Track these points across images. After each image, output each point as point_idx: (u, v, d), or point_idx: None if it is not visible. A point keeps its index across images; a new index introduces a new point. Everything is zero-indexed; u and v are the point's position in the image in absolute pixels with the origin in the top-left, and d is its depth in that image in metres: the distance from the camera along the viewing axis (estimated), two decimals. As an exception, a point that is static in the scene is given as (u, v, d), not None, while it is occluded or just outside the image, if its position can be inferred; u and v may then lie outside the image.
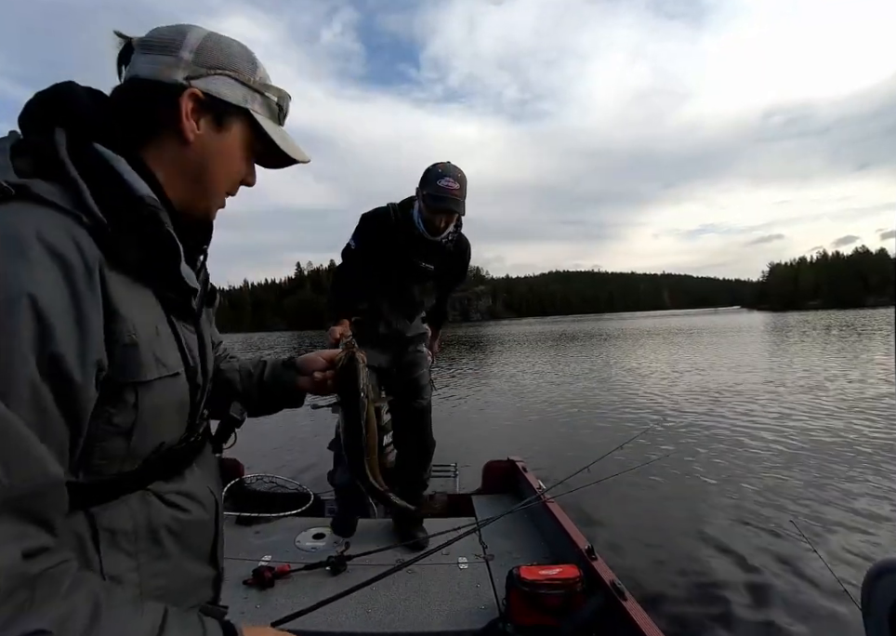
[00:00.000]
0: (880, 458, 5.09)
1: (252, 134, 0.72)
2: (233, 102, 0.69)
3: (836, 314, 54.98)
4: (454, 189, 2.03)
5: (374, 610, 1.91)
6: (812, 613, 2.59)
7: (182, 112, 0.64)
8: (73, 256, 0.51)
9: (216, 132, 0.68)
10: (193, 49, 0.66)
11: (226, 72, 0.68)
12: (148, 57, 0.65)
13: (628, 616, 1.58)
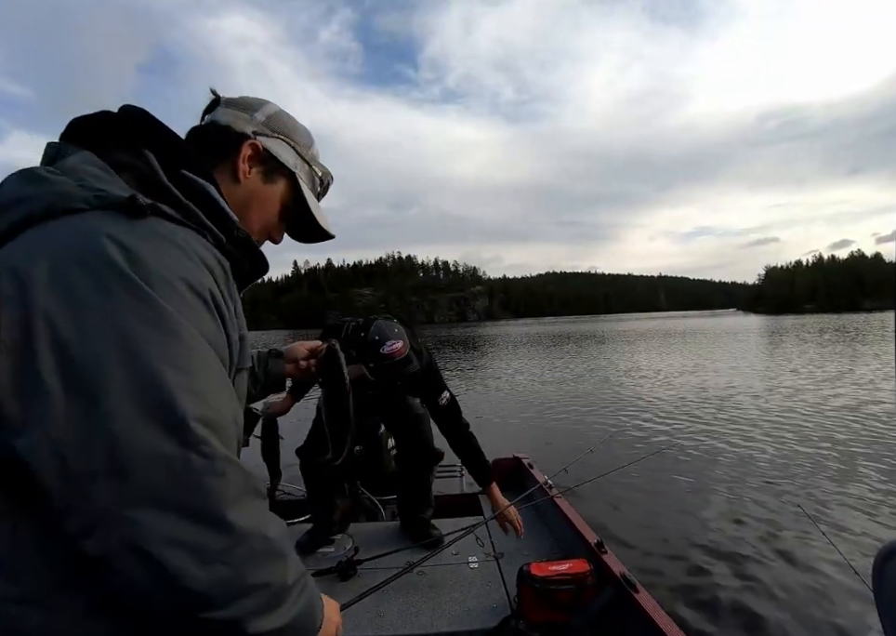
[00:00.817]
0: (884, 448, 5.19)
1: (291, 196, 0.82)
2: (284, 163, 0.80)
3: (832, 318, 55.05)
4: (399, 349, 1.96)
5: (386, 613, 1.91)
6: (824, 595, 2.62)
7: (241, 155, 0.75)
8: (214, 262, 0.59)
9: (262, 182, 0.78)
10: (266, 115, 0.80)
11: (286, 139, 0.81)
12: (228, 110, 0.78)
13: (640, 607, 1.60)
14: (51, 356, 0.45)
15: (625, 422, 6.92)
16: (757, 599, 2.65)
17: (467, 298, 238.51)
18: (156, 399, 0.46)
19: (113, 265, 0.49)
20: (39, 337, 0.46)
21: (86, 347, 0.46)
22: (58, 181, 0.54)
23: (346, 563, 2.18)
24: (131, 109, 0.66)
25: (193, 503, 0.46)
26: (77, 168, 0.56)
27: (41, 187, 0.54)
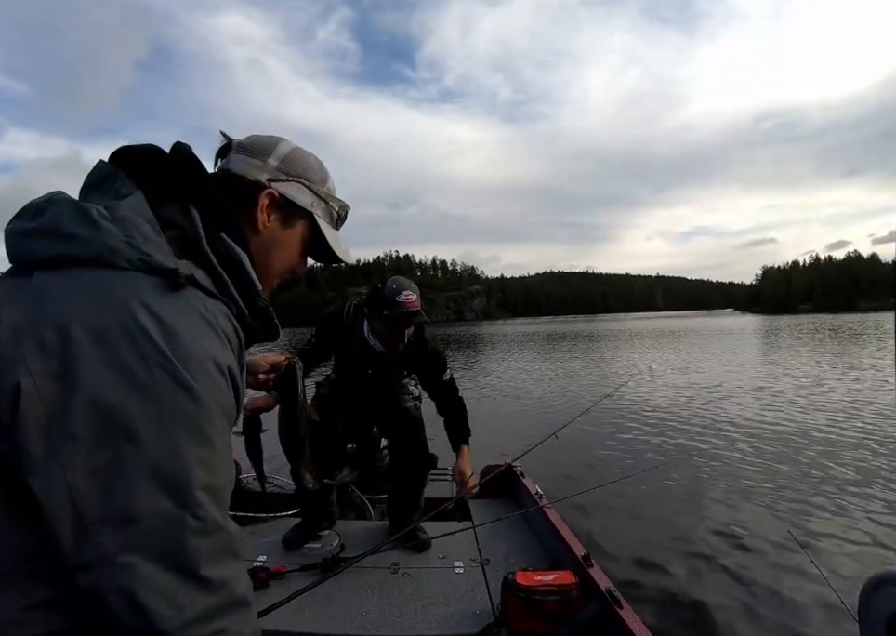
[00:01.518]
0: (879, 466, 5.11)
1: (310, 233, 0.85)
2: (301, 205, 0.81)
3: (828, 318, 55.34)
4: (414, 301, 2.10)
5: (368, 613, 1.90)
6: (809, 623, 2.59)
7: (259, 207, 0.77)
8: (234, 337, 0.64)
9: (282, 228, 0.81)
10: (279, 158, 0.80)
11: (301, 180, 0.82)
12: (241, 157, 0.79)
13: (624, 623, 1.59)
14: (84, 411, 0.49)
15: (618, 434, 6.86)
16: (741, 622, 2.63)
17: (465, 297, 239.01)
18: (172, 467, 0.52)
19: (154, 343, 0.53)
20: (76, 391, 0.49)
21: (118, 410, 0.50)
22: (108, 232, 0.56)
23: (331, 560, 2.17)
24: (182, 151, 0.71)
25: (179, 557, 0.52)
26: (128, 220, 0.59)
27: (91, 231, 0.56)
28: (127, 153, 0.68)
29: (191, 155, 0.72)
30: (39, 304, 0.53)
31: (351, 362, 2.38)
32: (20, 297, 0.54)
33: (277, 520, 2.71)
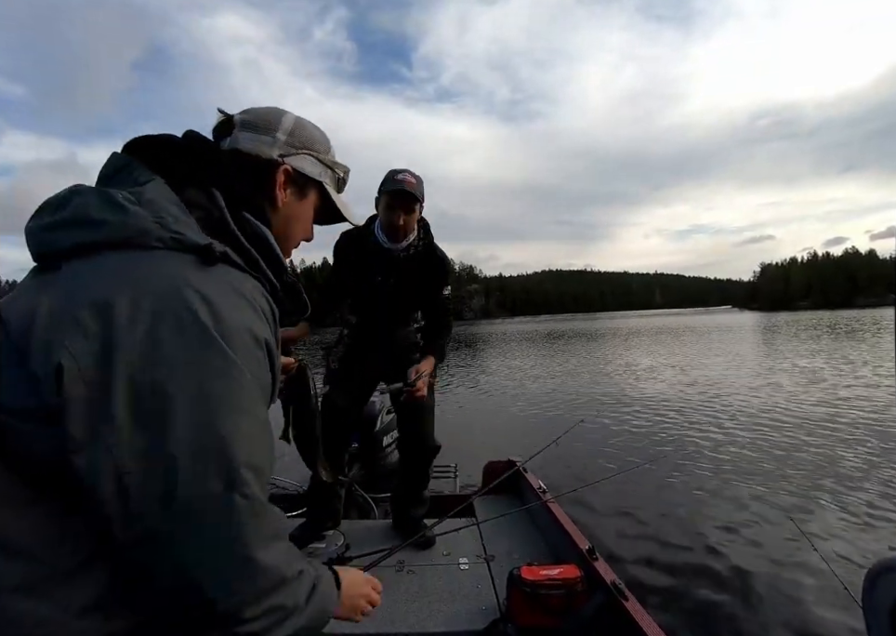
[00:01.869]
0: (880, 454, 5.15)
1: (320, 200, 0.88)
2: (313, 176, 0.84)
3: (826, 315, 55.39)
4: (410, 182, 2.12)
5: (374, 611, 1.91)
6: (813, 611, 2.61)
7: (277, 184, 0.79)
8: (269, 311, 0.65)
9: (298, 201, 0.83)
10: (287, 132, 0.81)
11: (310, 152, 0.83)
12: (249, 135, 0.79)
13: (629, 615, 1.59)
14: (126, 391, 0.50)
15: (619, 425, 6.91)
16: (745, 612, 2.64)
17: (464, 296, 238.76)
18: (215, 444, 0.53)
19: (196, 317, 0.54)
20: (117, 371, 0.50)
21: (160, 388, 0.51)
22: (137, 214, 0.58)
23: (336, 560, 2.17)
24: (196, 137, 0.73)
25: (229, 537, 0.54)
26: (155, 202, 0.60)
27: (120, 215, 0.57)
28: (142, 144, 0.69)
29: (206, 140, 0.75)
30: (73, 288, 0.54)
31: (363, 281, 2.34)
32: (53, 284, 0.56)
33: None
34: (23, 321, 0.53)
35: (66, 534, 0.54)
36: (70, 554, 0.54)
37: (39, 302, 0.54)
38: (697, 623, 2.56)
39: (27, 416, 0.52)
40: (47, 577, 0.52)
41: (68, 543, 0.54)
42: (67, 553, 0.53)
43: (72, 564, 0.53)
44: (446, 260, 2.37)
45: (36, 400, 0.51)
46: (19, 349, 0.52)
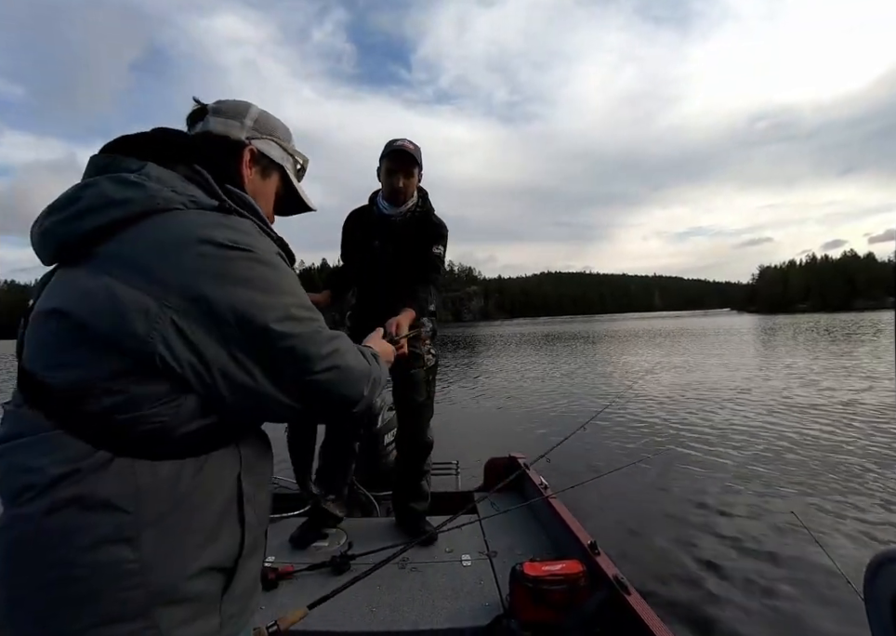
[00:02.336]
0: (880, 450, 5.19)
1: (282, 184, 0.98)
2: (275, 159, 0.94)
3: (825, 318, 55.40)
4: (408, 146, 2.22)
5: (378, 608, 1.91)
6: (815, 603, 2.63)
7: (244, 162, 0.89)
8: (277, 244, 0.79)
9: (261, 179, 0.93)
10: (253, 119, 0.92)
11: (273, 138, 0.94)
12: (220, 119, 0.90)
13: (632, 610, 1.60)
14: (212, 314, 0.65)
15: (621, 423, 6.93)
16: (748, 605, 2.66)
17: (463, 297, 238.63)
18: (287, 310, 0.71)
19: (231, 244, 0.68)
20: (195, 303, 0.64)
21: (232, 296, 0.66)
22: (153, 188, 0.68)
23: (339, 558, 2.18)
24: (168, 129, 0.82)
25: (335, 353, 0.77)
26: (163, 178, 0.70)
27: (138, 191, 0.67)
28: (120, 143, 0.77)
29: (179, 131, 0.84)
30: (129, 258, 0.65)
31: (364, 249, 2.41)
32: (106, 263, 0.65)
33: (283, 520, 2.71)
34: (95, 302, 0.63)
35: (140, 487, 0.63)
36: (147, 503, 0.63)
37: (102, 284, 0.63)
38: (700, 617, 2.57)
39: (117, 378, 0.63)
40: (132, 526, 0.61)
41: (145, 494, 0.63)
42: (145, 503, 0.63)
43: (150, 512, 0.63)
44: (442, 224, 2.42)
45: (130, 361, 0.62)
46: (101, 328, 0.62)
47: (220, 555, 0.69)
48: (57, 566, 0.60)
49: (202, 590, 0.67)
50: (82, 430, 0.62)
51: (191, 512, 0.66)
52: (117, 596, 0.61)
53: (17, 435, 0.64)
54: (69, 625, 0.60)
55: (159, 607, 0.63)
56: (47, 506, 0.60)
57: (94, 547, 0.60)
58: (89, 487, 0.61)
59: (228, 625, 0.71)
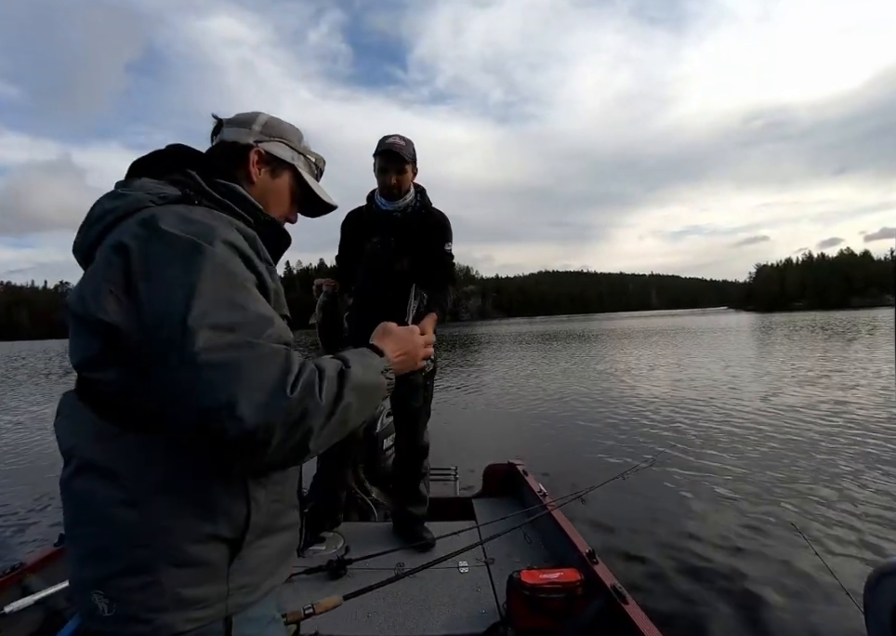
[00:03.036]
0: (880, 456, 5.16)
1: (296, 183, 1.03)
2: (284, 159, 1.00)
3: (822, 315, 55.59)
4: (398, 144, 2.26)
5: (374, 615, 1.90)
6: (814, 616, 2.61)
7: (251, 162, 0.96)
8: (243, 229, 0.80)
9: (271, 179, 1.00)
10: (261, 124, 1.00)
11: (281, 139, 1.01)
12: (231, 128, 0.99)
13: (630, 619, 1.59)
14: (141, 285, 0.69)
15: (620, 427, 6.92)
16: (746, 616, 2.64)
17: (460, 297, 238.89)
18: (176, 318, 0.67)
19: (176, 228, 0.72)
20: (135, 278, 0.69)
21: (158, 281, 0.69)
22: (132, 194, 0.79)
23: (336, 563, 2.17)
24: (177, 146, 0.92)
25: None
26: (143, 185, 0.81)
27: (121, 200, 0.79)
28: (137, 163, 0.90)
29: (181, 145, 0.93)
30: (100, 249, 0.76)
31: (365, 244, 2.42)
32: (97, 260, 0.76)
33: None
34: (74, 293, 0.75)
35: (146, 459, 0.71)
36: (150, 474, 0.71)
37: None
38: (698, 627, 2.56)
39: (95, 364, 0.73)
40: (137, 492, 0.70)
41: (150, 465, 0.71)
42: (149, 473, 0.71)
43: (154, 481, 0.71)
44: (445, 219, 2.44)
45: (99, 344, 0.71)
46: (78, 314, 0.73)
47: (223, 527, 0.74)
48: (86, 524, 0.73)
49: (205, 557, 0.73)
50: (94, 405, 0.74)
51: (194, 485, 0.73)
52: (129, 553, 0.70)
53: (60, 411, 0.81)
54: (93, 573, 0.72)
55: (163, 567, 0.71)
56: (72, 470, 0.74)
57: (105, 508, 0.70)
58: (100, 457, 0.72)
59: (236, 594, 0.77)
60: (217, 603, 0.75)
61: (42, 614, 1.90)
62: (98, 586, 0.71)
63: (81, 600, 0.73)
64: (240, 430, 0.61)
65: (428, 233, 2.38)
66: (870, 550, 3.26)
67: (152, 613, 0.70)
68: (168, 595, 0.71)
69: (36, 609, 1.88)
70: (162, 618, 0.70)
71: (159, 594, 0.70)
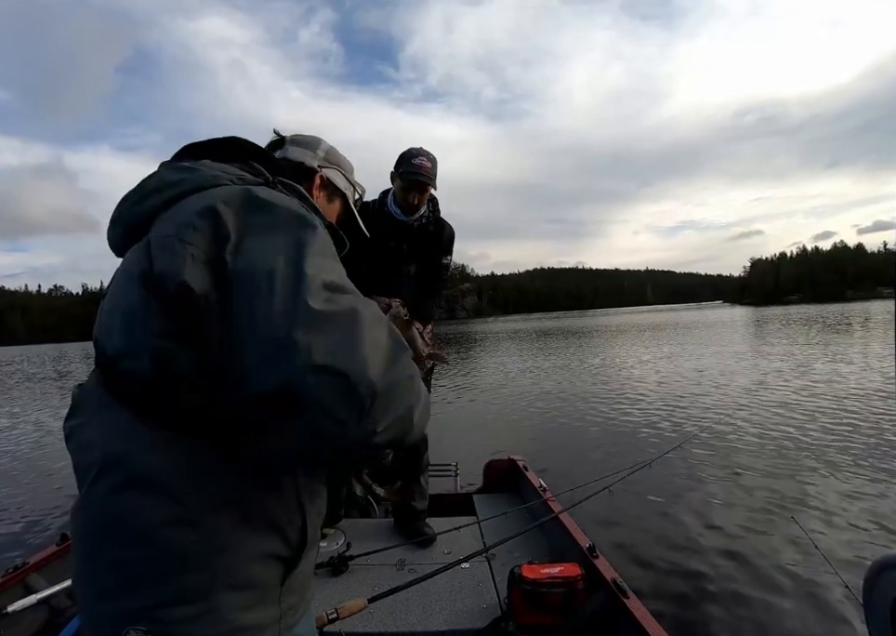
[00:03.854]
0: (880, 453, 5.15)
1: (343, 211, 1.13)
2: (340, 187, 1.10)
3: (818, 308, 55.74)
4: (426, 166, 2.26)
5: (376, 610, 1.90)
6: (814, 609, 2.62)
7: (314, 185, 1.04)
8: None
9: (327, 203, 1.08)
10: (324, 151, 1.10)
11: (339, 169, 1.11)
12: (297, 148, 1.07)
13: (630, 613, 1.60)
14: (249, 242, 0.64)
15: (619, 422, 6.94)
16: (746, 609, 2.65)
17: (456, 295, 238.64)
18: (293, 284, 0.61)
19: (278, 202, 0.69)
20: (237, 237, 0.64)
21: (267, 241, 0.64)
22: (203, 171, 0.74)
23: (338, 559, 2.18)
24: (236, 138, 0.89)
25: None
26: (213, 166, 0.77)
27: (190, 174, 0.74)
28: (185, 147, 0.86)
29: (237, 138, 0.89)
30: (170, 219, 0.69)
31: (377, 248, 2.38)
32: (155, 230, 0.69)
33: None
34: (132, 270, 0.67)
35: (199, 470, 0.64)
36: (208, 487, 0.64)
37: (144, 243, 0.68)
38: (698, 621, 2.57)
39: (164, 349, 0.63)
40: (193, 509, 0.62)
41: (207, 477, 0.64)
42: (204, 487, 0.64)
43: (210, 496, 0.64)
44: (453, 232, 2.52)
45: (173, 323, 0.63)
46: (149, 288, 0.64)
47: (281, 544, 0.70)
48: (126, 547, 0.62)
49: (261, 578, 0.68)
50: (137, 407, 0.64)
51: (252, 499, 0.67)
52: (181, 578, 0.62)
53: (82, 413, 0.70)
54: (132, 604, 0.61)
55: (220, 591, 0.64)
56: (111, 486, 0.62)
57: (158, 529, 0.61)
58: (147, 468, 0.62)
59: (287, 616, 0.73)
60: (271, 627, 0.70)
61: (45, 613, 1.91)
62: (138, 619, 0.61)
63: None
64: (370, 391, 0.55)
65: (438, 245, 2.47)
66: (870, 543, 3.27)
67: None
68: (226, 623, 0.64)
69: (39, 608, 1.89)
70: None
71: (216, 622, 0.63)
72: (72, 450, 0.70)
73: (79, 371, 24.08)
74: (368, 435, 0.57)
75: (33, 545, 3.83)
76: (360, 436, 0.57)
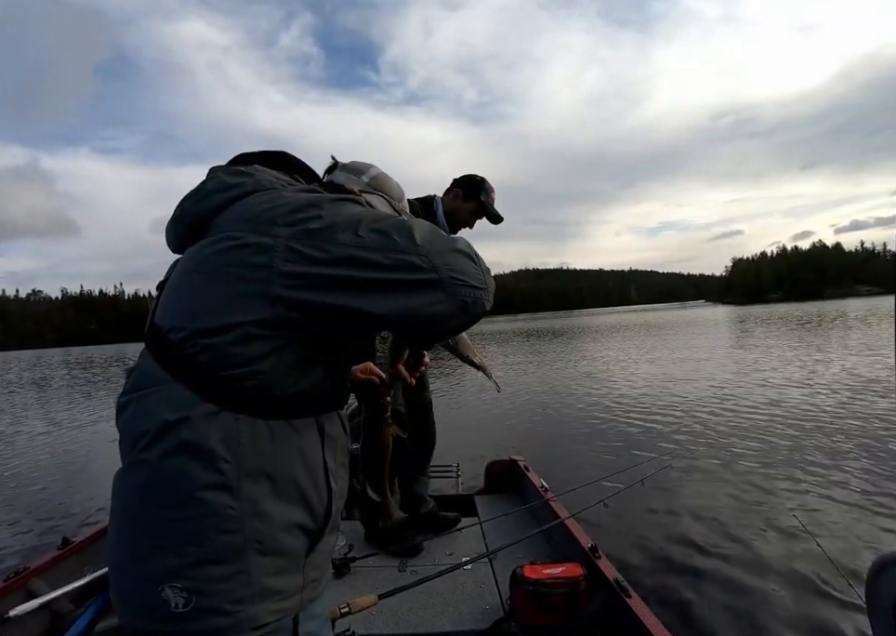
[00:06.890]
0: (881, 450, 5.15)
1: None
2: None
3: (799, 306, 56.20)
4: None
5: (378, 612, 1.89)
6: (817, 607, 2.62)
7: None
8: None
9: None
10: (370, 177, 1.14)
11: (383, 195, 1.13)
12: (343, 173, 1.14)
13: (633, 613, 1.61)
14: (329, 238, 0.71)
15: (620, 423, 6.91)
16: (749, 608, 2.65)
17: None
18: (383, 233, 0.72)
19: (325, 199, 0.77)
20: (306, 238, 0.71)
21: (337, 215, 0.73)
22: (259, 176, 0.83)
23: (340, 561, 2.17)
24: (285, 153, 0.96)
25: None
26: (267, 171, 0.86)
27: (247, 178, 0.82)
28: (238, 156, 0.94)
29: (286, 153, 0.96)
30: (241, 212, 0.77)
31: None
32: (217, 230, 0.77)
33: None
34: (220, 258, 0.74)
35: (242, 440, 0.69)
36: (247, 457, 0.69)
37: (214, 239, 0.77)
38: (701, 620, 2.56)
39: (249, 334, 0.69)
40: (234, 475, 0.68)
41: (248, 446, 0.70)
42: (245, 456, 0.69)
43: (249, 464, 0.70)
44: None
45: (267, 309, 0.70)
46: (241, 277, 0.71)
47: (308, 517, 0.76)
48: (169, 508, 0.67)
49: (289, 546, 0.73)
50: (191, 381, 0.70)
51: (287, 471, 0.73)
52: (217, 539, 0.67)
53: (141, 387, 0.74)
54: (170, 562, 0.67)
55: (252, 555, 0.69)
56: (163, 451, 0.68)
57: (200, 491, 0.67)
58: (197, 435, 0.68)
59: (308, 588, 0.78)
60: (294, 595, 0.75)
61: (46, 617, 1.90)
62: (175, 577, 0.66)
63: (144, 596, 0.68)
64: (489, 304, 0.80)
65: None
66: (873, 541, 3.27)
67: (237, 604, 0.68)
68: (255, 585, 0.70)
69: (41, 613, 1.88)
70: (246, 610, 0.69)
71: (246, 584, 0.69)
72: (124, 420, 0.75)
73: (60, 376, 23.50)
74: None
75: (34, 549, 3.77)
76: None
